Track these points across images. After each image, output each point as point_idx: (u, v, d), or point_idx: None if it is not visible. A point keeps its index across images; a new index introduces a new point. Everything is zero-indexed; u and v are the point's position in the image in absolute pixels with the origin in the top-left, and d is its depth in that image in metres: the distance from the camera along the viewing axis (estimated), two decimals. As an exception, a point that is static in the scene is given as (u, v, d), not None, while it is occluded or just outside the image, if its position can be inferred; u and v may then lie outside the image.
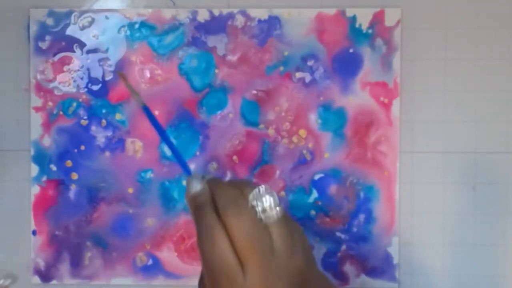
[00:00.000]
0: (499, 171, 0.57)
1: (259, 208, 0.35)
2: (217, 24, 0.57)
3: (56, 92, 0.57)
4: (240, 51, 0.57)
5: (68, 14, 0.57)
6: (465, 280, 0.57)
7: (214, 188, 0.37)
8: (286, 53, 0.56)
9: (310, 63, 0.56)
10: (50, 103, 0.57)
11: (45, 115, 0.57)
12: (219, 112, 0.57)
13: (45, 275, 0.57)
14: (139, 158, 0.57)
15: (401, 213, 0.57)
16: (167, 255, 0.57)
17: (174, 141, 0.43)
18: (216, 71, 0.57)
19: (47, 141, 0.57)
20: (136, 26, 0.57)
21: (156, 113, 0.57)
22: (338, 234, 0.57)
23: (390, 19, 0.56)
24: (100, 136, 0.57)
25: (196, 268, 0.57)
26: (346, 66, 0.56)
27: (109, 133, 0.57)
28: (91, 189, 0.57)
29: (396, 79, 0.56)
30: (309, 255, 0.37)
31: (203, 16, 0.57)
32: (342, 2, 0.56)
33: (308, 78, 0.57)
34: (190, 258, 0.57)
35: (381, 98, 0.56)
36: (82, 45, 0.57)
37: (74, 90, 0.57)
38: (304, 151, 0.57)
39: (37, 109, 0.57)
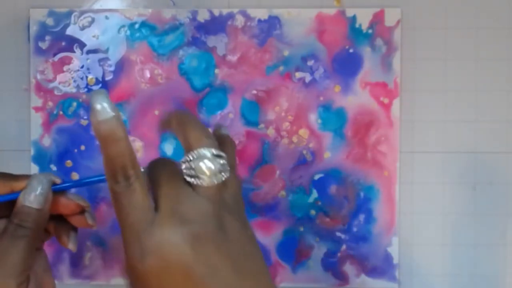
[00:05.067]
0: (499, 171, 0.57)
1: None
2: (217, 24, 0.57)
3: (56, 92, 0.57)
4: (240, 51, 0.57)
5: (68, 14, 0.57)
6: (465, 280, 0.57)
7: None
8: (286, 53, 0.56)
9: (310, 63, 0.56)
10: (50, 103, 0.57)
11: (45, 115, 0.57)
12: (219, 112, 0.57)
13: (45, 275, 0.57)
14: (139, 158, 0.57)
15: (401, 213, 0.57)
16: (167, 255, 0.57)
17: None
18: (216, 71, 0.57)
19: (47, 141, 0.57)
20: (136, 26, 0.57)
21: (156, 113, 0.57)
22: (338, 234, 0.57)
23: (390, 19, 0.56)
24: (100, 136, 0.57)
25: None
26: (346, 66, 0.56)
27: (109, 133, 0.57)
28: (91, 189, 0.57)
29: (396, 79, 0.56)
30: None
31: (203, 16, 0.57)
32: (342, 2, 0.56)
33: (308, 78, 0.56)
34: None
35: (381, 98, 0.56)
36: (82, 45, 0.57)
37: (74, 90, 0.57)
38: (304, 151, 0.57)
39: (37, 109, 0.57)
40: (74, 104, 0.57)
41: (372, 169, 0.56)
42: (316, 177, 0.57)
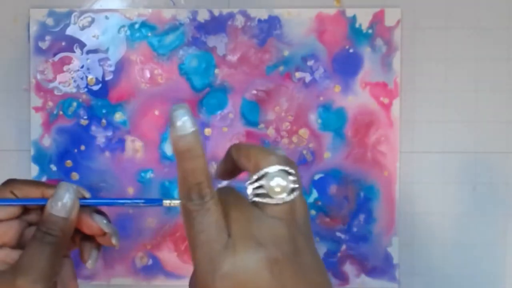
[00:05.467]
0: (499, 171, 0.57)
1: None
2: (217, 24, 0.57)
3: (56, 92, 0.57)
4: (240, 51, 0.57)
5: (68, 14, 0.57)
6: (465, 280, 0.57)
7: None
8: (286, 53, 0.56)
9: (310, 63, 0.56)
10: (50, 103, 0.57)
11: (45, 115, 0.57)
12: (219, 112, 0.57)
13: (45, 275, 0.57)
14: (139, 158, 0.57)
15: (401, 213, 0.57)
16: (167, 255, 0.57)
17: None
18: (216, 71, 0.57)
19: (47, 141, 0.57)
20: (136, 26, 0.57)
21: (156, 113, 0.57)
22: (338, 234, 0.57)
23: (390, 19, 0.56)
24: (100, 136, 0.57)
25: (196, 268, 0.57)
26: (346, 66, 0.56)
27: (109, 133, 0.57)
28: (91, 189, 0.57)
29: (396, 79, 0.56)
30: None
31: (203, 16, 0.57)
32: (342, 2, 0.56)
33: (308, 78, 0.57)
34: (190, 258, 0.57)
35: (381, 98, 0.56)
36: (82, 45, 0.57)
37: (74, 90, 0.57)
38: (304, 151, 0.57)
39: (37, 109, 0.57)
40: (74, 104, 0.57)
41: (372, 169, 0.57)
42: (316, 177, 0.57)
